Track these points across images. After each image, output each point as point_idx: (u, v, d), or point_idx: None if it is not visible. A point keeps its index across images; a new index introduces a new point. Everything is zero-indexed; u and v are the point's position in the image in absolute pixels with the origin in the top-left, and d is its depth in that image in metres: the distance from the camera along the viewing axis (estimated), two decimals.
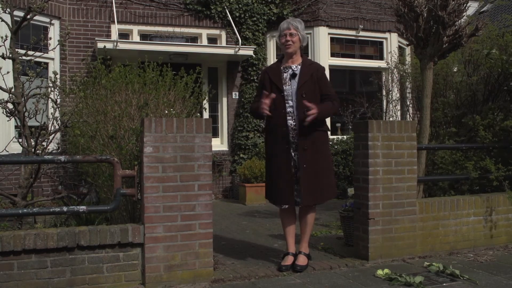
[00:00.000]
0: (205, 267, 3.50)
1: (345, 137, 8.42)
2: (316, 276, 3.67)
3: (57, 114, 4.27)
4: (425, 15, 4.58)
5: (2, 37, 4.15)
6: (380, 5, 9.20)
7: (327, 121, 4.07)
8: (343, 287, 3.44)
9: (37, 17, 4.87)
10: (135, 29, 8.35)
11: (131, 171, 3.49)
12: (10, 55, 4.09)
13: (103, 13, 8.08)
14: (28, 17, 4.16)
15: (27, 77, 4.12)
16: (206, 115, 8.26)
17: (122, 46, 7.42)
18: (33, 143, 4.03)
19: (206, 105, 5.90)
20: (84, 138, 4.22)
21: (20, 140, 4.29)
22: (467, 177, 4.70)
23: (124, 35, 8.31)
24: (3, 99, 4.11)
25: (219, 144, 8.83)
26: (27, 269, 3.10)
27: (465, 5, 4.57)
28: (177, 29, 8.44)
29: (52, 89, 4.32)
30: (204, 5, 8.62)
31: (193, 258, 3.46)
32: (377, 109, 8.13)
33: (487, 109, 5.13)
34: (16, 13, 4.47)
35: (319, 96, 3.82)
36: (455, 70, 6.06)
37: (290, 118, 3.77)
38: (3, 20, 4.19)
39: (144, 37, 8.46)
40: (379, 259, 4.02)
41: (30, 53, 4.22)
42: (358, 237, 4.13)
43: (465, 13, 4.71)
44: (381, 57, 9.23)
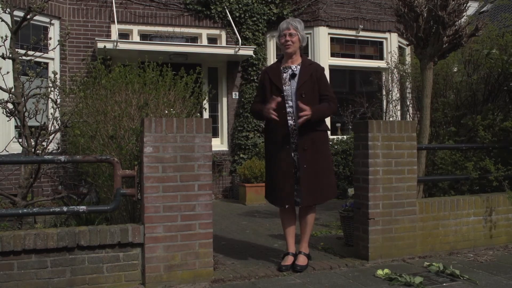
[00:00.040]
0: (205, 267, 3.50)
1: (345, 137, 8.42)
2: (316, 276, 3.67)
3: (57, 114, 4.27)
4: (425, 15, 4.58)
5: (2, 37, 4.14)
6: (380, 5, 9.20)
7: (326, 121, 4.07)
8: (343, 287, 3.44)
9: (37, 17, 4.87)
10: (135, 29, 8.35)
11: (131, 171, 3.50)
12: (10, 55, 4.09)
13: (103, 13, 8.08)
14: (28, 17, 4.16)
15: (27, 77, 4.12)
16: (206, 115, 8.26)
17: (122, 46, 7.42)
18: (33, 143, 4.03)
19: (206, 105, 5.90)
20: (84, 138, 4.22)
21: (20, 140, 4.29)
22: (467, 177, 4.70)
23: (124, 35, 8.31)
24: (3, 99, 4.11)
25: (219, 144, 8.83)
26: (27, 269, 3.10)
27: (465, 5, 4.57)
28: (177, 29, 8.44)
29: (52, 89, 4.32)
30: (204, 5, 8.62)
31: (193, 258, 3.46)
32: (377, 109, 8.13)
33: (486, 109, 5.13)
34: (16, 13, 4.47)
35: (318, 96, 3.83)
36: (455, 70, 6.05)
37: (290, 118, 3.77)
38: (3, 20, 4.18)
39: (144, 37, 8.46)
40: (379, 259, 4.02)
41: (30, 53, 4.22)
42: (358, 237, 4.13)
43: (465, 13, 4.71)
44: (381, 57, 9.23)
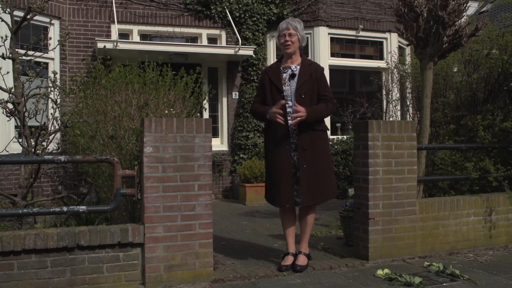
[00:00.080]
0: (205, 267, 3.50)
1: (345, 137, 8.42)
2: (316, 276, 3.67)
3: (57, 114, 4.27)
4: (425, 15, 4.58)
5: (2, 37, 4.14)
6: (380, 5, 9.20)
7: (326, 121, 4.06)
8: (343, 287, 3.44)
9: (37, 17, 4.87)
10: (135, 29, 8.35)
11: (131, 171, 3.49)
12: (10, 55, 4.09)
13: (103, 13, 8.08)
14: (28, 17, 4.15)
15: (27, 77, 4.12)
16: (206, 115, 8.26)
17: (122, 46, 7.42)
18: (33, 143, 4.03)
19: (206, 105, 5.90)
20: (84, 138, 4.22)
21: (20, 140, 4.29)
22: (467, 177, 4.70)
23: (124, 35, 8.31)
24: (3, 99, 4.11)
25: (219, 144, 8.83)
26: (27, 269, 3.10)
27: (465, 5, 4.57)
28: (177, 29, 8.44)
29: (52, 89, 4.32)
30: (204, 5, 8.62)
31: (193, 258, 3.46)
32: (377, 109, 8.13)
33: (485, 110, 5.13)
34: (16, 13, 4.47)
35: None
36: (455, 70, 6.05)
37: (289, 118, 3.76)
38: (3, 20, 4.18)
39: (144, 37, 8.46)
40: (379, 259, 4.02)
41: (30, 53, 4.22)
42: (358, 237, 4.13)
43: (465, 13, 4.71)
44: (381, 57, 9.23)
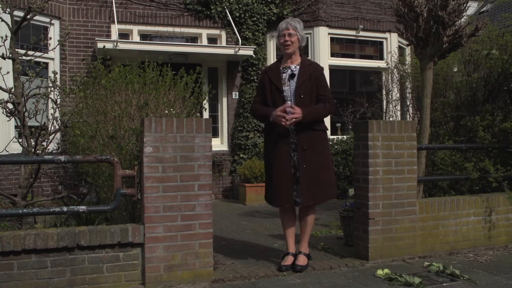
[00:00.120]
0: (205, 267, 3.50)
1: (345, 137, 8.42)
2: (316, 276, 3.67)
3: (57, 114, 4.27)
4: (425, 15, 4.58)
5: (2, 37, 4.14)
6: (380, 5, 9.20)
7: (326, 121, 4.06)
8: (343, 287, 3.44)
9: (37, 17, 4.87)
10: (135, 29, 8.35)
11: (131, 171, 3.49)
12: (10, 55, 4.09)
13: (103, 13, 8.08)
14: (28, 17, 4.15)
15: (27, 77, 4.12)
16: (206, 115, 8.26)
17: (122, 46, 7.42)
18: (33, 143, 4.03)
19: (206, 105, 5.90)
20: (84, 138, 4.22)
21: (20, 140, 4.29)
22: (467, 177, 4.70)
23: (124, 35, 8.31)
24: (3, 99, 4.11)
25: (219, 144, 8.83)
26: (27, 269, 3.10)
27: (465, 5, 4.57)
28: (177, 29, 8.44)
29: (52, 89, 4.32)
30: (204, 5, 8.62)
31: (193, 258, 3.46)
32: (377, 109, 8.12)
33: (485, 110, 5.13)
34: (16, 13, 4.47)
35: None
36: (455, 70, 6.05)
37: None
38: (3, 20, 4.18)
39: (144, 37, 8.46)
40: (379, 259, 4.02)
41: (30, 53, 4.22)
42: (358, 237, 4.13)
43: (465, 13, 4.71)
44: (381, 57, 9.23)
